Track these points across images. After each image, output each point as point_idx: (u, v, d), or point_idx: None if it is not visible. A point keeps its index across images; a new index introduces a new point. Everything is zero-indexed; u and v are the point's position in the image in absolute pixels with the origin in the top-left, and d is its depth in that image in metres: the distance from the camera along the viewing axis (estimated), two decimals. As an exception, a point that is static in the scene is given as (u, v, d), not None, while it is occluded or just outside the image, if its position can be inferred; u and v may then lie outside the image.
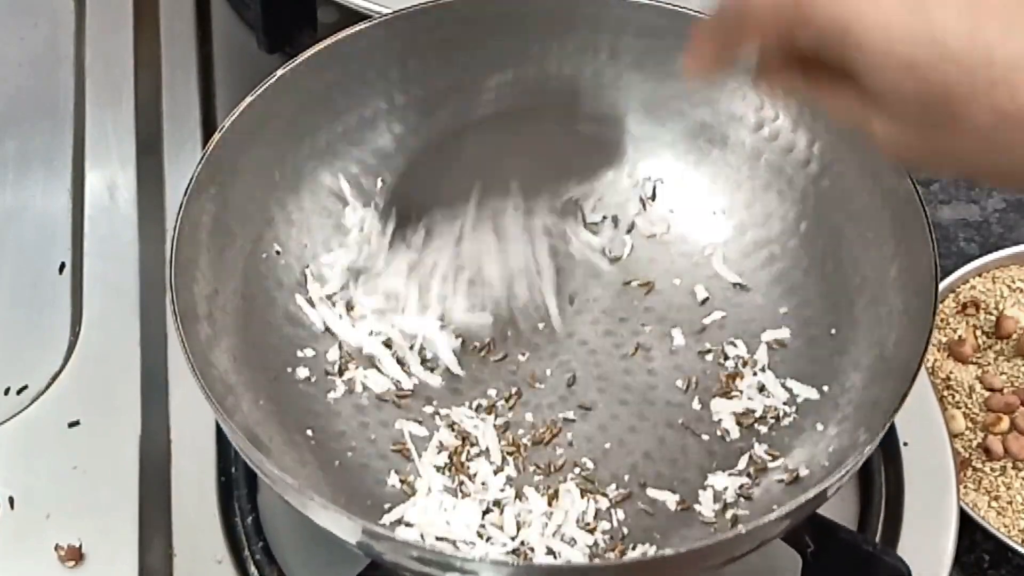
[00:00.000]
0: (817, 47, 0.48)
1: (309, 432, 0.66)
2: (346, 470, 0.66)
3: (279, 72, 0.68)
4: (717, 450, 0.67)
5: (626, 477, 0.66)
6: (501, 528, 0.63)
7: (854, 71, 0.48)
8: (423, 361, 0.70)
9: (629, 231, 0.75)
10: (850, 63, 0.47)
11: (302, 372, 0.69)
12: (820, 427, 0.66)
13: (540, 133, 0.73)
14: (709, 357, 0.71)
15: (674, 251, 0.74)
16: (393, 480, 0.66)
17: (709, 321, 0.72)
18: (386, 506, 0.64)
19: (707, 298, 0.73)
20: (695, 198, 0.75)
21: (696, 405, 0.69)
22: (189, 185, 0.64)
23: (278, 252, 0.70)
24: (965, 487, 0.75)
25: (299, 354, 0.69)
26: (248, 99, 0.67)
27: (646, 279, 0.74)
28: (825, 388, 0.67)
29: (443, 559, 0.54)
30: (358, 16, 0.73)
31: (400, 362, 0.70)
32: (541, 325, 0.72)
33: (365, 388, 0.69)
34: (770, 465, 0.65)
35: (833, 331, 0.68)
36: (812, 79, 0.51)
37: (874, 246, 0.68)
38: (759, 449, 0.66)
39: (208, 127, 0.83)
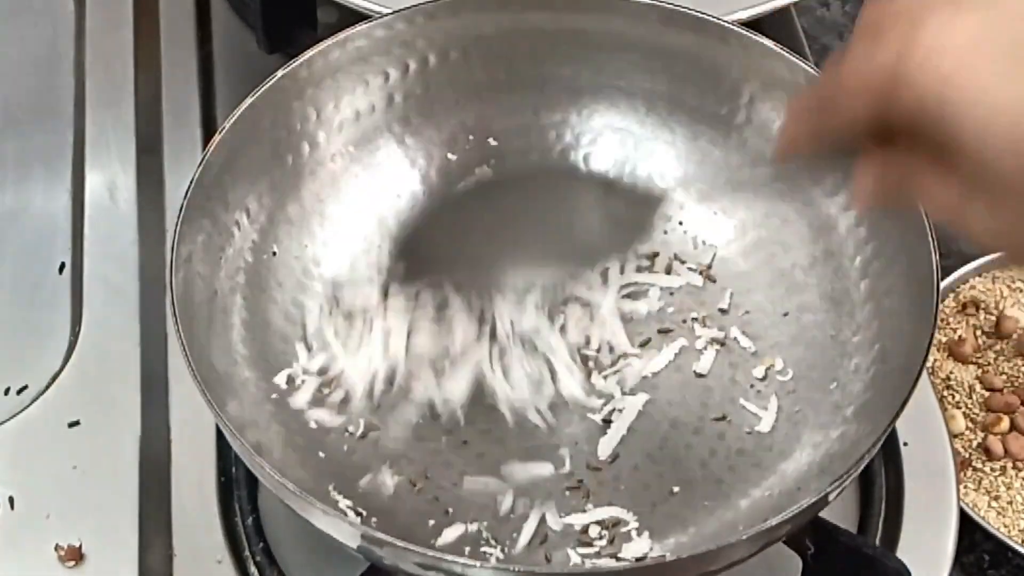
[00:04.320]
0: (913, 124, 0.45)
1: (310, 434, 0.66)
2: (348, 473, 0.66)
3: (279, 72, 0.68)
4: (718, 450, 0.67)
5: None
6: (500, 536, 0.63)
7: (953, 148, 0.44)
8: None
9: (629, 231, 0.75)
10: (948, 139, 0.44)
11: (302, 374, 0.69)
12: (821, 430, 0.66)
13: None
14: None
15: (674, 251, 0.74)
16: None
17: (710, 322, 0.72)
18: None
19: (708, 298, 0.73)
20: (696, 198, 0.75)
21: (696, 408, 0.69)
22: (189, 185, 0.64)
23: (276, 253, 0.70)
24: (965, 487, 0.75)
25: (299, 354, 0.69)
26: (248, 99, 0.67)
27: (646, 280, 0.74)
28: (826, 389, 0.67)
29: (444, 564, 0.54)
30: (358, 16, 0.73)
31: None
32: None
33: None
34: (771, 468, 0.65)
35: (833, 332, 0.68)
36: (905, 168, 0.48)
37: (875, 246, 0.68)
38: (760, 451, 0.66)
39: (208, 127, 0.83)
